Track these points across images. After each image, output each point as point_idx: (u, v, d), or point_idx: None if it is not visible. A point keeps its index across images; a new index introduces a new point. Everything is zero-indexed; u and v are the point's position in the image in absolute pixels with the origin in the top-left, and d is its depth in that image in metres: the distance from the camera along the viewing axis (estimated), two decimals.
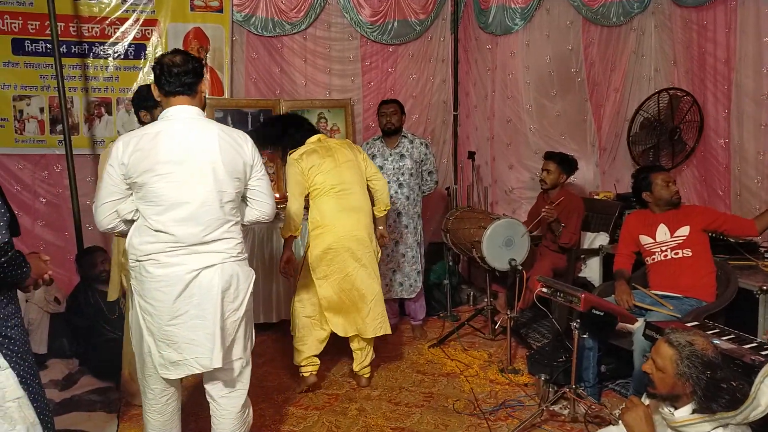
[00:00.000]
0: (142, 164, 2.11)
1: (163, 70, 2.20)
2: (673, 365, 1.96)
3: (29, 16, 4.16)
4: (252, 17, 4.67)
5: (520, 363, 3.73)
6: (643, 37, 4.88)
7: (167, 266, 2.17)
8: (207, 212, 2.18)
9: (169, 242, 2.16)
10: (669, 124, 4.54)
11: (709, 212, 3.38)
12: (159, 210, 2.15)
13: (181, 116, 2.21)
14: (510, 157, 5.12)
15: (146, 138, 2.15)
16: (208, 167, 2.17)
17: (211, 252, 2.22)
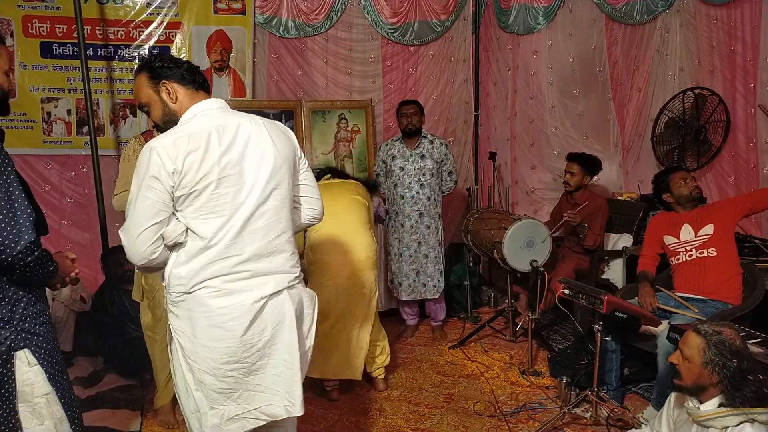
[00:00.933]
0: (202, 168, 1.73)
1: (179, 63, 1.91)
2: (700, 353, 1.99)
3: (57, 20, 4.24)
4: (274, 19, 4.71)
5: (541, 365, 3.70)
6: (668, 35, 4.81)
7: (230, 294, 1.78)
8: (268, 220, 1.84)
9: (229, 263, 1.78)
10: (694, 123, 4.47)
11: (729, 202, 3.35)
12: (219, 222, 1.76)
13: (219, 109, 1.88)
14: (532, 158, 5.08)
15: (196, 137, 1.76)
16: (266, 163, 1.83)
17: (277, 273, 1.86)
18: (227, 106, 1.91)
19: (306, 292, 2.00)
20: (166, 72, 1.87)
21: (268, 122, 1.93)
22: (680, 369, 2.06)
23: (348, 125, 4.87)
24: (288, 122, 4.75)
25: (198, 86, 1.90)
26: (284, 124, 4.66)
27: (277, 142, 1.88)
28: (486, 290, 5.04)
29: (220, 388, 1.81)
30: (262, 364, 1.85)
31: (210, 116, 1.83)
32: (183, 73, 1.88)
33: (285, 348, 1.86)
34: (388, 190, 4.25)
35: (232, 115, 1.86)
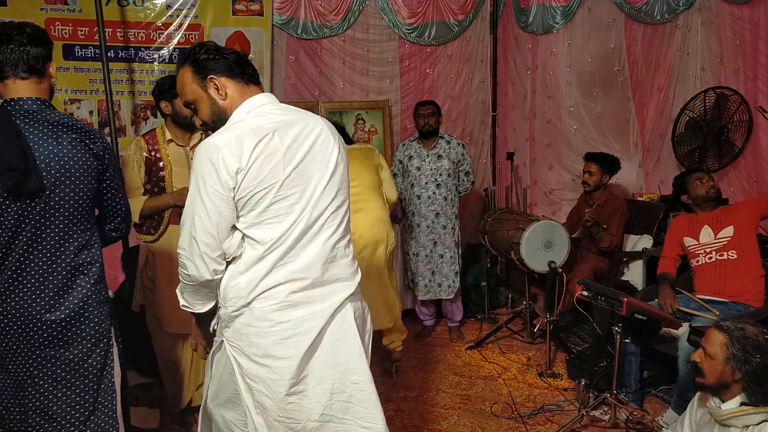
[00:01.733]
0: (271, 169, 1.57)
1: (226, 53, 1.73)
2: (723, 350, 1.99)
3: (79, 23, 4.31)
4: (292, 20, 4.74)
5: (559, 367, 3.68)
6: (689, 34, 4.74)
7: (293, 307, 1.62)
8: (330, 224, 1.68)
9: (290, 270, 1.62)
10: (716, 123, 4.40)
11: (749, 203, 3.30)
12: (282, 227, 1.60)
13: (274, 104, 1.72)
14: (550, 158, 5.05)
15: (260, 133, 1.59)
16: (331, 164, 1.69)
17: (337, 280, 1.69)
18: (278, 102, 1.76)
19: (365, 304, 1.82)
20: (213, 64, 1.69)
21: (326, 121, 1.78)
22: (703, 367, 2.05)
23: (365, 126, 4.88)
24: None
25: (248, 79, 1.73)
26: None
27: (340, 144, 1.75)
28: (503, 291, 5.02)
29: (281, 415, 1.63)
30: (325, 389, 1.66)
31: (268, 113, 1.67)
32: (231, 65, 1.71)
33: (356, 365, 1.68)
34: (404, 190, 4.25)
35: (291, 112, 1.71)
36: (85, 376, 1.77)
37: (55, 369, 1.73)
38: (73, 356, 1.74)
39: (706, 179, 3.31)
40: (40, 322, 1.69)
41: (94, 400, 1.79)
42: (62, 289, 1.72)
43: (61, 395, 1.74)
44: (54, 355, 1.73)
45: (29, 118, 1.68)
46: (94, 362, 1.78)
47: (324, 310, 1.64)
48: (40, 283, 1.69)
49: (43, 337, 1.71)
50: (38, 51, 1.72)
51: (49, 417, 1.74)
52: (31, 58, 1.70)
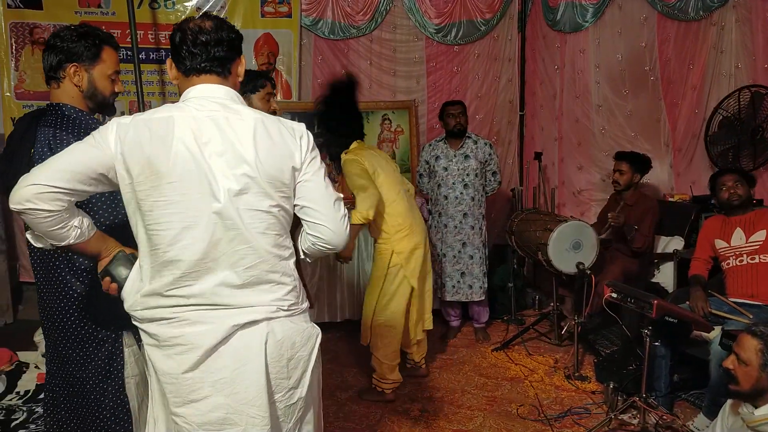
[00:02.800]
0: (145, 168, 1.42)
1: (184, 37, 1.53)
2: (758, 355, 1.95)
3: (112, 25, 4.40)
4: (319, 21, 4.77)
5: (587, 370, 3.63)
6: (723, 32, 4.63)
7: (183, 324, 1.48)
8: (239, 244, 1.48)
9: (184, 294, 1.48)
10: (751, 122, 4.30)
11: None
12: (167, 241, 1.45)
13: (206, 98, 1.52)
14: (579, 158, 4.99)
15: (153, 124, 1.45)
16: (239, 174, 1.46)
17: (249, 305, 1.51)
18: (228, 96, 1.55)
19: (301, 328, 1.61)
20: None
21: (266, 125, 1.53)
22: (737, 374, 2.01)
23: (391, 125, 4.89)
24: None
25: (201, 69, 1.55)
26: None
27: (261, 153, 1.49)
28: (530, 292, 4.98)
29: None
30: (218, 417, 1.52)
31: (186, 105, 1.52)
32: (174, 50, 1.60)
33: (253, 394, 1.52)
34: (431, 190, 4.24)
35: (216, 108, 1.52)
36: (90, 377, 1.83)
37: (69, 368, 1.83)
38: (78, 356, 1.82)
39: (730, 184, 3.23)
40: (52, 320, 1.83)
41: (100, 402, 1.85)
42: (60, 293, 1.80)
43: (72, 392, 1.85)
44: (65, 354, 1.83)
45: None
46: (97, 365, 1.83)
47: (221, 331, 1.50)
48: (44, 286, 1.83)
49: (55, 335, 1.83)
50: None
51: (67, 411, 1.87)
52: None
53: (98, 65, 1.85)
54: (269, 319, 1.53)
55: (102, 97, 1.88)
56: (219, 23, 1.57)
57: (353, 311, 4.35)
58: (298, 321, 1.61)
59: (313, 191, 1.58)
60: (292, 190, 1.56)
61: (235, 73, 1.61)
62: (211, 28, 1.55)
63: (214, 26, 1.55)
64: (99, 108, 1.91)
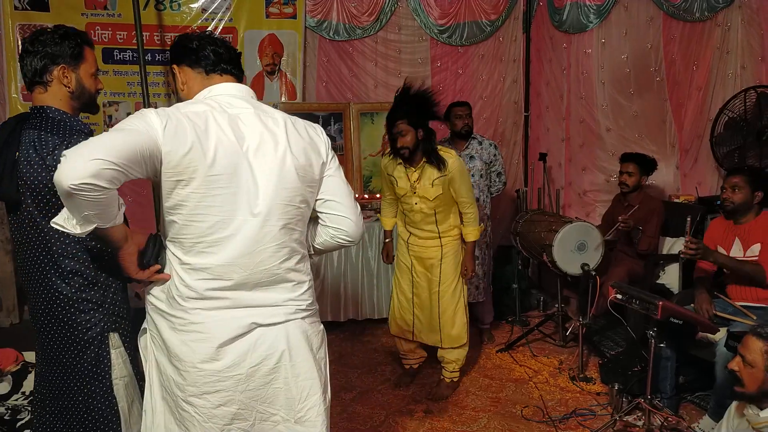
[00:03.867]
0: (186, 158, 1.41)
1: (204, 41, 1.60)
2: (763, 357, 1.95)
3: (118, 27, 4.42)
4: (324, 22, 4.78)
5: (592, 371, 3.63)
6: (729, 32, 4.62)
7: (203, 312, 1.51)
8: (265, 240, 1.51)
9: (209, 286, 1.50)
10: (756, 123, 4.28)
11: None
12: (199, 233, 1.47)
13: (234, 96, 1.56)
14: (583, 159, 4.98)
15: (191, 117, 1.44)
16: (274, 169, 1.51)
17: (270, 305, 1.56)
18: (250, 95, 1.63)
19: (315, 330, 1.68)
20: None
21: (292, 121, 1.62)
22: (742, 375, 2.00)
23: None
24: (337, 124, 4.80)
25: (225, 70, 1.63)
26: (333, 126, 4.82)
27: (295, 148, 1.57)
28: (535, 294, 4.97)
29: (178, 419, 1.60)
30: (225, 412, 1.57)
31: (217, 102, 1.55)
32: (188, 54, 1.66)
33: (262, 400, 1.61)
34: None
35: (247, 105, 1.57)
36: (77, 379, 1.83)
37: (56, 370, 1.84)
38: (66, 359, 1.82)
39: (728, 187, 3.14)
40: (40, 323, 1.84)
41: (88, 403, 1.85)
42: (47, 295, 1.80)
43: (59, 394, 1.85)
44: (53, 356, 1.83)
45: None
46: (83, 368, 1.83)
47: (240, 327, 1.55)
48: (31, 289, 1.83)
49: (43, 338, 1.84)
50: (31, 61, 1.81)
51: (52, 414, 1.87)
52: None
53: (83, 65, 1.85)
54: (288, 320, 1.58)
55: (89, 96, 1.89)
56: (224, 39, 1.69)
57: (357, 311, 4.36)
58: (314, 321, 1.68)
59: (337, 186, 1.67)
60: (318, 186, 1.64)
61: (243, 82, 1.68)
62: (220, 40, 1.65)
63: (221, 41, 1.66)
64: (85, 107, 1.91)
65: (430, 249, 3.28)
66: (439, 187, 3.11)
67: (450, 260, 3.27)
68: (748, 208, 3.10)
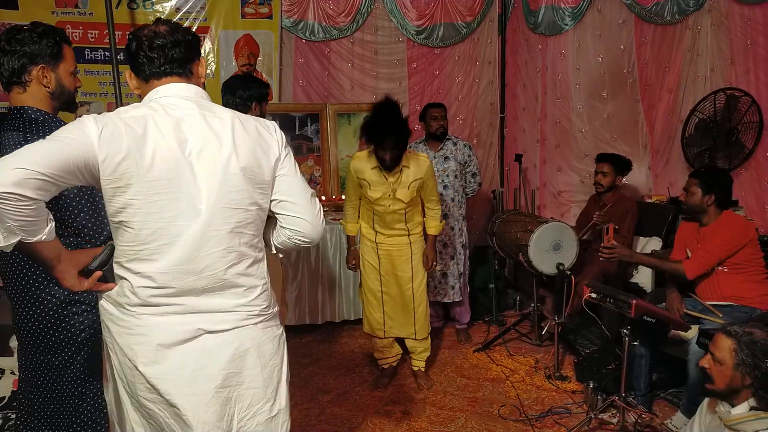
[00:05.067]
0: (123, 164, 1.38)
1: (140, 43, 1.49)
2: (731, 355, 1.98)
3: (89, 26, 4.35)
4: (300, 23, 4.75)
5: (567, 370, 3.66)
6: (699, 35, 4.71)
7: (149, 316, 1.47)
8: (209, 245, 1.46)
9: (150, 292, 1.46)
10: (726, 125, 4.37)
11: (722, 241, 3.02)
12: (141, 240, 1.44)
13: (177, 97, 1.49)
14: (558, 160, 5.03)
15: (129, 122, 1.40)
16: (217, 171, 1.46)
17: (219, 311, 1.51)
18: (198, 94, 1.54)
19: (270, 336, 1.61)
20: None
21: (241, 121, 1.54)
22: (712, 373, 2.04)
23: None
24: (313, 125, 4.79)
25: (163, 72, 1.52)
26: (309, 127, 4.80)
27: (241, 149, 1.50)
28: (511, 293, 5.01)
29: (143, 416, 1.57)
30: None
31: (158, 104, 1.49)
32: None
33: (202, 411, 1.52)
34: None
35: (190, 106, 1.50)
36: (68, 382, 1.81)
37: (45, 375, 1.80)
38: (57, 362, 1.79)
39: (684, 189, 3.15)
40: (26, 328, 1.80)
41: (77, 406, 1.83)
42: (35, 300, 1.77)
43: (49, 399, 1.82)
44: (43, 360, 1.80)
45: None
46: (76, 370, 1.81)
47: (183, 333, 1.52)
48: (15, 294, 1.80)
49: (30, 343, 1.80)
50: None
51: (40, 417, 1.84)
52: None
53: (62, 64, 1.82)
54: (238, 327, 1.52)
55: (68, 95, 1.86)
56: (174, 26, 1.54)
57: (334, 313, 4.34)
58: (268, 327, 1.60)
59: (291, 185, 1.58)
60: (270, 187, 1.56)
61: (196, 74, 1.57)
62: (166, 31, 1.51)
63: (169, 29, 1.52)
64: (65, 106, 1.88)
65: (400, 246, 3.33)
66: (414, 188, 3.20)
67: (419, 257, 3.36)
68: (702, 210, 3.11)
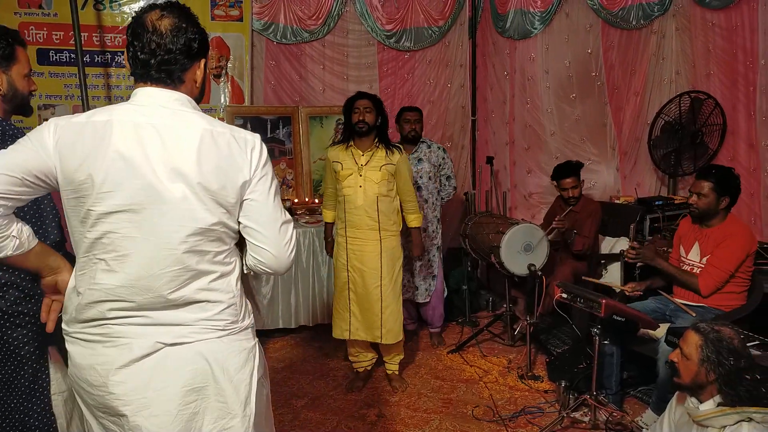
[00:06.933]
0: (79, 174, 1.33)
1: (136, 37, 1.41)
2: (697, 351, 2.03)
3: (54, 27, 4.25)
4: (271, 25, 4.72)
5: (540, 369, 3.70)
6: (664, 39, 4.83)
7: (105, 338, 1.40)
8: (165, 263, 1.38)
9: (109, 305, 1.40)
10: (691, 127, 4.48)
11: (731, 252, 3.00)
12: (95, 255, 1.39)
13: (154, 103, 1.41)
14: (529, 162, 5.09)
15: (89, 128, 1.35)
16: (177, 188, 1.36)
17: (179, 324, 1.42)
18: (175, 101, 1.43)
19: (235, 349, 1.49)
20: None
21: (212, 133, 1.42)
22: (679, 367, 2.09)
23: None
24: (285, 128, 4.76)
25: (148, 78, 1.45)
26: (281, 130, 4.77)
27: (203, 164, 1.39)
28: (484, 295, 5.04)
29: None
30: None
31: (129, 108, 1.42)
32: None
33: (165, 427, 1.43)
34: None
35: (161, 114, 1.41)
36: (13, 397, 1.77)
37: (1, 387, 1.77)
38: (2, 377, 1.76)
39: (694, 192, 3.11)
40: None
41: (24, 422, 1.79)
42: None
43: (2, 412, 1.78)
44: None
45: None
46: (21, 384, 1.77)
47: (137, 349, 1.44)
48: None
49: None
50: None
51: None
52: None
53: (15, 66, 1.77)
54: (200, 340, 1.43)
55: (21, 98, 1.81)
56: (177, 26, 1.41)
57: (308, 317, 4.31)
58: (235, 341, 1.49)
59: (259, 212, 1.47)
60: (236, 208, 1.45)
61: (189, 80, 1.46)
62: (166, 31, 1.39)
63: (171, 28, 1.40)
64: (17, 110, 1.82)
65: (370, 242, 3.31)
66: (385, 172, 3.26)
67: (389, 255, 3.33)
68: (714, 213, 3.08)
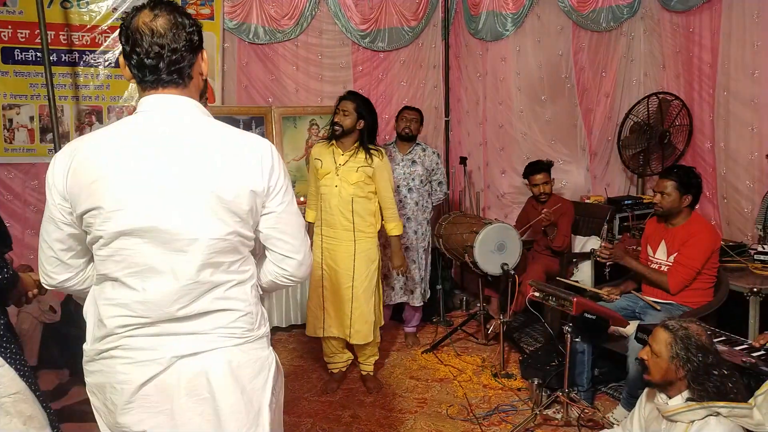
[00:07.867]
0: (83, 192, 1.34)
1: (135, 44, 1.33)
2: (667, 348, 2.07)
3: (19, 25, 4.15)
4: (243, 25, 4.68)
5: (513, 367, 3.73)
6: (633, 41, 4.92)
7: (120, 358, 1.40)
8: (185, 279, 1.36)
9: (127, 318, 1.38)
10: (659, 127, 4.57)
11: (697, 250, 3.06)
12: (113, 270, 1.38)
13: (162, 112, 1.37)
14: (502, 162, 5.14)
15: (92, 146, 1.36)
16: (189, 199, 1.33)
17: (194, 333, 1.39)
18: (190, 108, 1.39)
19: (253, 358, 1.46)
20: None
21: (226, 142, 1.39)
22: (649, 364, 2.13)
23: (319, 131, 4.86)
24: (258, 128, 4.72)
25: (158, 82, 1.38)
26: (254, 130, 4.72)
27: (220, 174, 1.36)
28: (458, 294, 5.07)
29: None
30: None
31: (140, 118, 1.38)
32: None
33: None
34: None
35: (172, 120, 1.37)
36: None
37: None
38: None
39: (657, 191, 3.18)
40: None
41: None
42: None
43: None
44: None
45: None
46: None
47: (155, 360, 1.41)
48: None
49: None
50: None
51: None
52: None
53: None
54: (215, 348, 1.39)
55: None
56: (174, 22, 1.34)
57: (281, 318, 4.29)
58: (250, 349, 1.45)
59: (285, 222, 1.46)
60: (250, 216, 1.40)
61: (197, 73, 1.42)
62: (165, 31, 1.32)
63: (169, 26, 1.33)
64: None
65: (344, 243, 3.33)
66: (362, 173, 3.28)
67: (363, 257, 3.34)
68: (677, 212, 3.14)
